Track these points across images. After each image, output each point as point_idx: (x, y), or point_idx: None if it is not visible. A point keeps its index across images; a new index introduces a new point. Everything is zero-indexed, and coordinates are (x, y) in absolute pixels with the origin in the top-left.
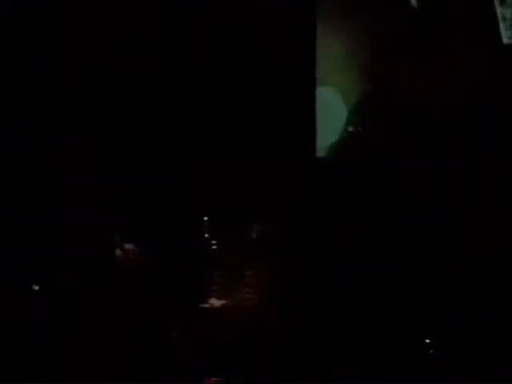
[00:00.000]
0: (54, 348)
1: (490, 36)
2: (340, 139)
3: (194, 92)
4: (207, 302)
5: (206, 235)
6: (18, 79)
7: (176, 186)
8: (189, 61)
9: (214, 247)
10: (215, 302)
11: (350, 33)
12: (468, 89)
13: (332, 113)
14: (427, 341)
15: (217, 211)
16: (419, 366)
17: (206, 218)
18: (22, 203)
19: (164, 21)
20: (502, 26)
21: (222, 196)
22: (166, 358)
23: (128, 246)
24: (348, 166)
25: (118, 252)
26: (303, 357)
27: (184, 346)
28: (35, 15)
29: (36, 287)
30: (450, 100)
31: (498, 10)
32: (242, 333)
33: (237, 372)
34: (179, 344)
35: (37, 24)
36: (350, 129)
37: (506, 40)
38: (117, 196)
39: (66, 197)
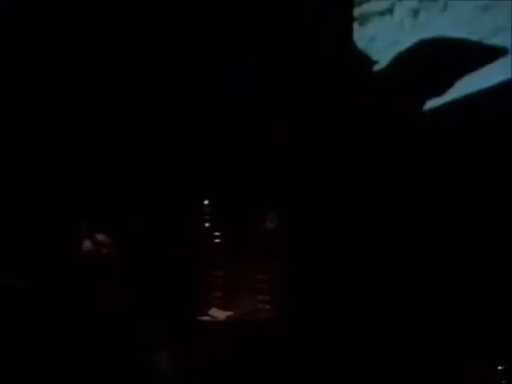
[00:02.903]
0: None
1: None
2: None
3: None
4: (207, 314)
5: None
6: None
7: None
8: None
9: (216, 242)
10: (218, 314)
11: None
12: None
13: None
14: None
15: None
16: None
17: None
18: None
19: None
20: None
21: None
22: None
23: (100, 238)
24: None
25: (86, 244)
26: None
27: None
28: None
29: None
30: None
31: None
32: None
33: None
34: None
35: None
36: None
37: None
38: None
39: None
